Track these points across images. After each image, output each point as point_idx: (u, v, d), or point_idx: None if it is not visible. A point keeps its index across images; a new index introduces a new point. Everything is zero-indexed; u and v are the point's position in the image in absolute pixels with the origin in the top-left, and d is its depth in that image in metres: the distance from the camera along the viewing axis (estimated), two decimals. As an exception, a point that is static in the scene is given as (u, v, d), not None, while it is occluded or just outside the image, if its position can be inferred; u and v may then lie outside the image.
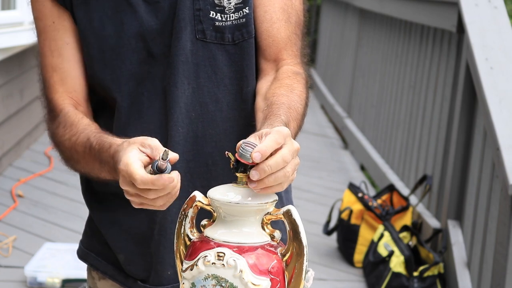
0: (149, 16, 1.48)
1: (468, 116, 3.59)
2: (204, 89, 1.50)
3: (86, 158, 1.43)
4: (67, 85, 1.52)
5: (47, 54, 1.53)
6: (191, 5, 1.47)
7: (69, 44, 1.52)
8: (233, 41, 1.50)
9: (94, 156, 1.39)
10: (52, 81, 1.53)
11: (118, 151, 1.29)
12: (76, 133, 1.45)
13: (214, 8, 1.48)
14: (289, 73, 1.50)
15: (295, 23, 1.54)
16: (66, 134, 1.47)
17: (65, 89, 1.52)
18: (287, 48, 1.53)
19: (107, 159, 1.35)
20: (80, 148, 1.43)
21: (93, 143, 1.40)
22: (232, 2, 1.48)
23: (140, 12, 1.48)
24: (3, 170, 4.95)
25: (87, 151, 1.41)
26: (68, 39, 1.52)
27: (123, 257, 1.58)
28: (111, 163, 1.32)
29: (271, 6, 1.51)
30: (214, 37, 1.49)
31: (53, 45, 1.52)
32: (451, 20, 3.82)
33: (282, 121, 1.34)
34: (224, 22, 1.48)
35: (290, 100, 1.43)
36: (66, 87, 1.52)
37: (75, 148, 1.45)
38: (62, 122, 1.49)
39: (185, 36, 1.47)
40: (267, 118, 1.36)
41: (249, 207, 1.21)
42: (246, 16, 1.49)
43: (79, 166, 1.48)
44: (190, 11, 1.47)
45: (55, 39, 1.52)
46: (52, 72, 1.53)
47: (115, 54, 1.50)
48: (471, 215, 3.43)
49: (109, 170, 1.35)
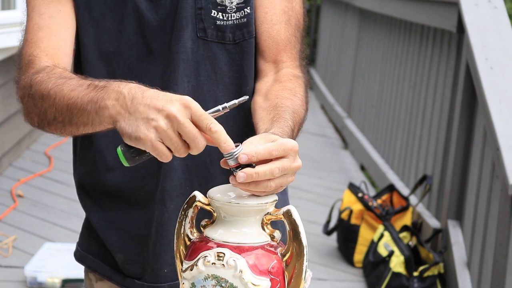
0: (150, 13, 1.48)
1: (468, 116, 3.59)
2: (204, 88, 1.50)
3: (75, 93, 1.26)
4: (52, 42, 1.43)
5: (34, 17, 1.45)
6: (193, 4, 1.47)
7: (62, 11, 1.46)
8: (233, 40, 1.50)
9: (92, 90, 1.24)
10: (36, 37, 1.43)
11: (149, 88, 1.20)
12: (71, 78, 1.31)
13: (215, 7, 1.48)
14: (290, 76, 1.50)
15: (295, 25, 1.54)
16: (51, 78, 1.33)
17: (48, 45, 1.42)
18: (287, 50, 1.53)
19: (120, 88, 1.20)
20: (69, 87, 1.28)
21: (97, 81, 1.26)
22: (234, 2, 1.48)
23: (141, 8, 1.48)
24: (3, 170, 4.95)
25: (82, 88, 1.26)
26: (62, 7, 1.46)
27: (122, 256, 1.58)
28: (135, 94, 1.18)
29: (272, 8, 1.51)
30: (215, 36, 1.49)
31: (44, 9, 1.45)
32: (451, 20, 3.82)
33: (289, 126, 1.35)
34: (225, 21, 1.48)
35: (294, 104, 1.43)
36: (49, 44, 1.42)
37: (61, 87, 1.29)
38: (46, 71, 1.35)
39: (186, 34, 1.47)
40: (274, 120, 1.36)
41: (249, 207, 1.21)
42: (248, 16, 1.49)
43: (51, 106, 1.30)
44: (191, 10, 1.47)
45: (48, 5, 1.45)
46: (38, 30, 1.44)
47: (113, 47, 1.49)
48: (471, 215, 3.43)
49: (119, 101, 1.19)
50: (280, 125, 1.34)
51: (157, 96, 1.18)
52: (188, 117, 1.16)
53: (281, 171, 1.20)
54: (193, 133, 1.16)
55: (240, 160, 1.18)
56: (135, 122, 1.18)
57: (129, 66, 1.49)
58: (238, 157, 1.18)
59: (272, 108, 1.41)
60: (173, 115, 1.15)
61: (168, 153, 1.18)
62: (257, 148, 1.19)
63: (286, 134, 1.32)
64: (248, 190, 1.21)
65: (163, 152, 1.17)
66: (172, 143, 1.17)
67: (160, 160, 1.19)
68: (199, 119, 1.16)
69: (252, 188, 1.20)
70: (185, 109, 1.16)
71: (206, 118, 1.16)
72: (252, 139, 1.24)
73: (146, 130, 1.16)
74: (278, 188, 1.22)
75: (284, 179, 1.22)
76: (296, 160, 1.22)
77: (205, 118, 1.16)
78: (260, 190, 1.20)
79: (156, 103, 1.17)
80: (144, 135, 1.16)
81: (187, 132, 1.16)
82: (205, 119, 1.16)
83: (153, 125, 1.16)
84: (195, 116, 1.16)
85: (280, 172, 1.20)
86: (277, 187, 1.21)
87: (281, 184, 1.22)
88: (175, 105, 1.16)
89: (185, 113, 1.16)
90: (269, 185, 1.20)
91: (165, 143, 1.17)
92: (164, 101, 1.17)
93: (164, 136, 1.16)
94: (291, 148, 1.21)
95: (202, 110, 1.17)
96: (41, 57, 1.42)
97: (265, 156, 1.19)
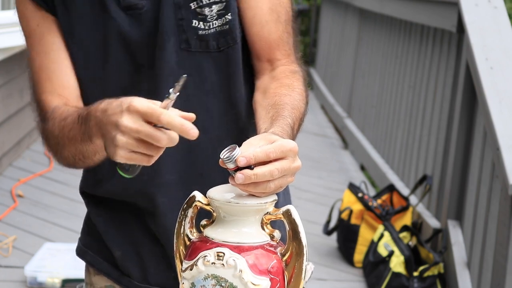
0: (132, 29, 1.46)
1: (468, 116, 3.59)
2: (194, 99, 1.49)
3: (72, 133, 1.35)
4: (54, 83, 1.48)
5: (34, 57, 1.50)
6: (173, 15, 1.45)
7: (55, 44, 1.49)
8: (218, 48, 1.48)
9: (81, 125, 1.32)
10: (40, 80, 1.50)
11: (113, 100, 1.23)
12: (65, 118, 1.40)
13: (196, 16, 1.46)
14: (287, 72, 1.50)
15: (285, 21, 1.53)
16: (55, 123, 1.42)
17: (53, 87, 1.48)
18: (280, 48, 1.52)
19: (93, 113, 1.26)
20: (68, 128, 1.37)
21: (82, 112, 1.33)
22: (214, 9, 1.46)
23: (123, 25, 1.46)
24: (3, 170, 4.95)
25: (75, 126, 1.34)
26: (53, 39, 1.49)
27: (120, 254, 1.58)
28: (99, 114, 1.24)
29: (259, 9, 1.49)
30: (199, 46, 1.47)
31: (39, 47, 1.50)
32: (451, 20, 3.82)
33: (289, 124, 1.35)
34: (207, 31, 1.47)
35: (293, 100, 1.43)
36: (53, 85, 1.48)
37: (63, 131, 1.38)
38: (51, 116, 1.44)
39: (170, 47, 1.46)
40: (274, 119, 1.36)
41: (248, 207, 1.21)
42: (230, 23, 1.47)
43: (67, 150, 1.40)
44: (172, 21, 1.45)
45: (40, 41, 1.49)
46: (40, 73, 1.50)
47: (101, 69, 1.48)
48: (471, 215, 3.43)
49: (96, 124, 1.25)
50: (279, 124, 1.33)
51: (109, 110, 1.21)
52: (140, 120, 1.17)
53: (280, 172, 1.20)
54: (149, 134, 1.16)
55: (239, 163, 1.18)
56: (107, 144, 1.22)
57: (121, 85, 1.48)
58: (236, 160, 1.18)
59: (271, 107, 1.41)
60: (125, 127, 1.17)
61: (144, 157, 1.20)
62: (255, 151, 1.19)
63: (286, 133, 1.32)
64: (247, 191, 1.21)
65: (139, 160, 1.20)
66: (139, 149, 1.19)
67: (148, 164, 1.21)
68: (149, 118, 1.17)
69: (251, 189, 1.20)
70: (134, 115, 1.17)
71: (154, 113, 1.16)
72: (252, 139, 1.24)
73: (114, 150, 1.20)
74: (277, 188, 1.22)
75: (284, 180, 1.22)
76: (295, 161, 1.22)
77: (153, 113, 1.16)
78: (259, 191, 1.20)
79: (110, 119, 1.20)
80: (116, 154, 1.20)
81: (144, 136, 1.17)
82: (153, 115, 1.16)
83: (115, 143, 1.19)
84: (145, 116, 1.17)
85: (280, 173, 1.20)
86: (276, 187, 1.21)
87: (280, 185, 1.22)
88: (124, 116, 1.18)
89: (135, 118, 1.17)
90: (268, 186, 1.20)
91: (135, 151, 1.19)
92: (115, 115, 1.19)
93: (129, 147, 1.18)
94: (290, 149, 1.21)
95: (149, 108, 1.16)
96: (49, 101, 1.48)
97: (263, 159, 1.19)
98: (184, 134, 1.16)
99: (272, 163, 1.20)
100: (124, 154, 1.19)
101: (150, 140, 1.17)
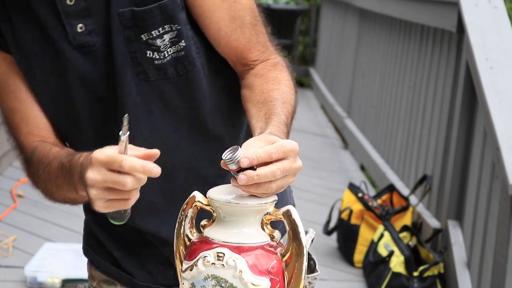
0: (88, 66, 1.45)
1: (468, 116, 3.59)
2: (160, 124, 1.48)
3: (59, 181, 1.40)
4: (29, 126, 1.49)
5: (3, 98, 1.50)
6: (125, 49, 1.43)
7: (20, 86, 1.49)
8: (177, 73, 1.46)
9: (65, 176, 1.36)
10: (15, 123, 1.50)
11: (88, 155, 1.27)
12: (49, 163, 1.43)
13: (149, 47, 1.44)
14: (268, 67, 1.49)
15: (250, 24, 1.50)
16: (40, 169, 1.45)
17: (29, 130, 1.49)
18: (252, 50, 1.50)
19: (75, 167, 1.31)
20: (53, 175, 1.41)
21: (65, 162, 1.37)
22: (166, 39, 1.44)
23: (78, 63, 1.45)
24: (3, 170, 4.95)
25: (60, 175, 1.39)
26: (17, 81, 1.49)
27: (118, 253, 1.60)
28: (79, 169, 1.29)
29: (221, 21, 1.47)
30: (157, 75, 1.46)
31: (6, 89, 1.49)
32: (451, 20, 3.82)
33: (283, 121, 1.35)
34: (162, 60, 1.45)
35: (282, 93, 1.42)
36: (29, 128, 1.49)
37: (49, 177, 1.42)
38: (34, 160, 1.47)
39: (128, 80, 1.45)
40: (267, 117, 1.36)
41: (248, 207, 1.21)
42: (184, 49, 1.45)
43: (56, 195, 1.46)
44: (126, 55, 1.44)
45: (5, 83, 1.49)
46: (13, 115, 1.50)
47: (67, 104, 1.48)
48: (471, 215, 3.43)
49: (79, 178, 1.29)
50: (275, 123, 1.33)
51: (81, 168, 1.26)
52: (103, 170, 1.21)
53: (282, 173, 1.20)
54: (114, 181, 1.20)
55: (241, 164, 1.18)
56: None
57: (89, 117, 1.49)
58: (239, 161, 1.18)
59: (262, 104, 1.40)
60: (91, 180, 1.22)
61: (121, 202, 1.24)
62: (257, 152, 1.19)
63: (282, 132, 1.32)
64: (249, 192, 1.21)
65: (117, 206, 1.25)
66: (112, 196, 1.23)
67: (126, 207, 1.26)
68: (112, 166, 1.20)
69: (253, 190, 1.20)
70: (97, 166, 1.21)
71: (115, 161, 1.19)
72: (252, 141, 1.24)
73: (92, 202, 1.25)
74: (279, 189, 1.22)
75: (285, 180, 1.22)
76: (296, 161, 1.23)
77: (114, 162, 1.19)
78: (261, 192, 1.21)
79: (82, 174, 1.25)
80: (95, 206, 1.25)
81: (111, 184, 1.21)
82: (114, 163, 1.20)
83: (91, 197, 1.23)
84: (107, 166, 1.20)
85: (282, 173, 1.20)
86: (278, 188, 1.22)
87: (282, 185, 1.22)
88: (89, 170, 1.22)
89: (99, 169, 1.21)
90: (270, 187, 1.20)
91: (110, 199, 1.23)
92: (85, 172, 1.23)
93: (102, 197, 1.23)
94: (291, 149, 1.21)
95: (109, 157, 1.20)
96: (28, 143, 1.49)
97: (265, 159, 1.19)
98: (147, 174, 1.20)
99: (274, 164, 1.20)
100: (101, 204, 1.24)
101: (117, 186, 1.20)
